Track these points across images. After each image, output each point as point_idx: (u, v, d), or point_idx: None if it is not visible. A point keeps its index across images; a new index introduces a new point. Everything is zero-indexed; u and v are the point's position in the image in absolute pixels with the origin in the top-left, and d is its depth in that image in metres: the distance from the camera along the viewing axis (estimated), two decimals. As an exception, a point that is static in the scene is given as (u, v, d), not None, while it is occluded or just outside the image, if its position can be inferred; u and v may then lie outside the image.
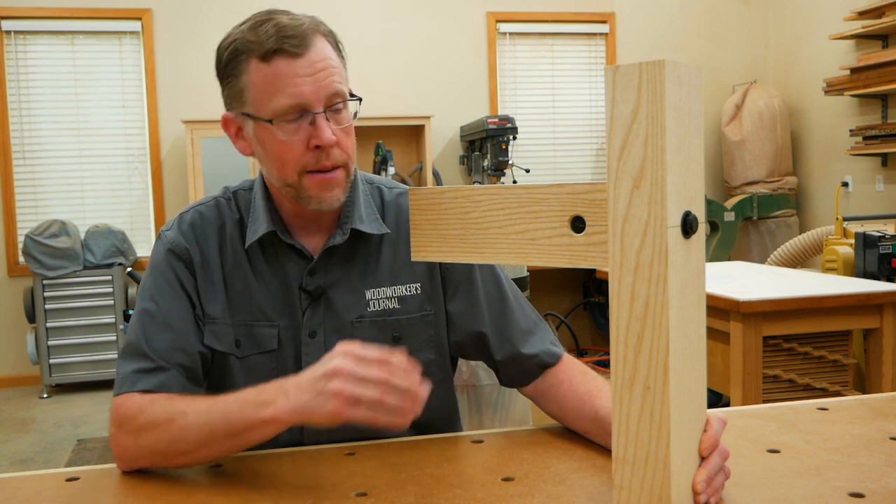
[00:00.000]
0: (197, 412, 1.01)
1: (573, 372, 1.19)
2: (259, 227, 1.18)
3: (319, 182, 1.11)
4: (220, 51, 1.14)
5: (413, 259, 0.98)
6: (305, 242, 1.20)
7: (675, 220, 0.75)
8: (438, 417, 1.27)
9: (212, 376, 1.19)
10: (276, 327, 1.18)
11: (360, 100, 1.16)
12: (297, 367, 1.18)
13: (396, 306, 1.21)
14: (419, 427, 1.24)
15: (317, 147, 1.09)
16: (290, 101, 1.08)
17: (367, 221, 1.21)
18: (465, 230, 0.92)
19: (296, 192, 1.13)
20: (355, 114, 1.15)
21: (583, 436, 1.13)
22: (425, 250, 0.97)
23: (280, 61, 1.07)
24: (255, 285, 1.18)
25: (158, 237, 1.21)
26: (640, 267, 0.75)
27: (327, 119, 1.09)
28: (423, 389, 0.93)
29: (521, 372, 1.22)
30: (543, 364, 1.20)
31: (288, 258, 1.19)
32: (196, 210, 1.22)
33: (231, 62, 1.11)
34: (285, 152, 1.10)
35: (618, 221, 0.77)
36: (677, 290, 0.76)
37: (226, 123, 1.17)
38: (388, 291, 1.21)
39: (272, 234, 1.18)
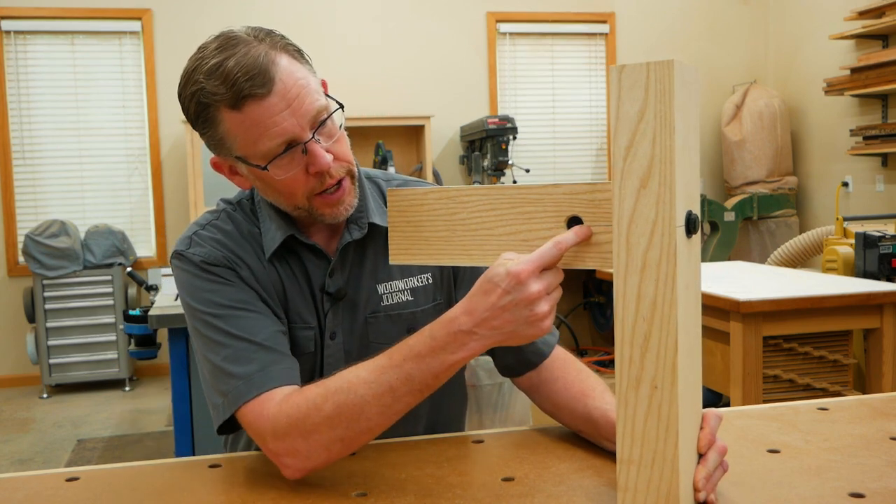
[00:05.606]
0: (365, 384, 0.94)
1: (568, 370, 1.18)
2: (275, 234, 1.15)
3: (330, 200, 1.10)
4: (185, 101, 1.07)
5: (391, 262, 0.96)
6: (320, 242, 1.18)
7: (681, 220, 0.75)
8: (449, 411, 1.28)
9: None
10: (312, 329, 1.17)
11: (342, 106, 1.11)
12: (321, 369, 1.17)
13: (409, 298, 1.21)
14: (431, 424, 1.24)
15: (317, 172, 1.07)
16: (276, 142, 1.03)
17: (378, 214, 1.20)
18: (451, 232, 0.91)
19: (308, 213, 1.11)
20: (341, 125, 1.11)
21: (579, 434, 1.13)
22: (405, 253, 0.95)
23: (251, 106, 1.01)
24: (289, 288, 1.16)
25: (182, 259, 1.13)
26: (647, 267, 0.75)
27: (318, 141, 1.06)
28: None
29: (518, 360, 1.19)
30: (540, 353, 1.18)
31: (308, 259, 1.17)
32: (211, 224, 1.17)
33: (201, 114, 1.06)
34: (288, 187, 1.08)
35: (623, 221, 0.76)
36: (682, 289, 0.75)
37: (217, 166, 1.13)
38: (401, 284, 1.21)
39: (290, 238, 1.15)
